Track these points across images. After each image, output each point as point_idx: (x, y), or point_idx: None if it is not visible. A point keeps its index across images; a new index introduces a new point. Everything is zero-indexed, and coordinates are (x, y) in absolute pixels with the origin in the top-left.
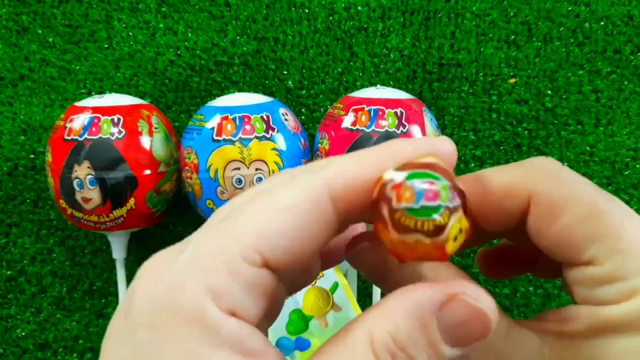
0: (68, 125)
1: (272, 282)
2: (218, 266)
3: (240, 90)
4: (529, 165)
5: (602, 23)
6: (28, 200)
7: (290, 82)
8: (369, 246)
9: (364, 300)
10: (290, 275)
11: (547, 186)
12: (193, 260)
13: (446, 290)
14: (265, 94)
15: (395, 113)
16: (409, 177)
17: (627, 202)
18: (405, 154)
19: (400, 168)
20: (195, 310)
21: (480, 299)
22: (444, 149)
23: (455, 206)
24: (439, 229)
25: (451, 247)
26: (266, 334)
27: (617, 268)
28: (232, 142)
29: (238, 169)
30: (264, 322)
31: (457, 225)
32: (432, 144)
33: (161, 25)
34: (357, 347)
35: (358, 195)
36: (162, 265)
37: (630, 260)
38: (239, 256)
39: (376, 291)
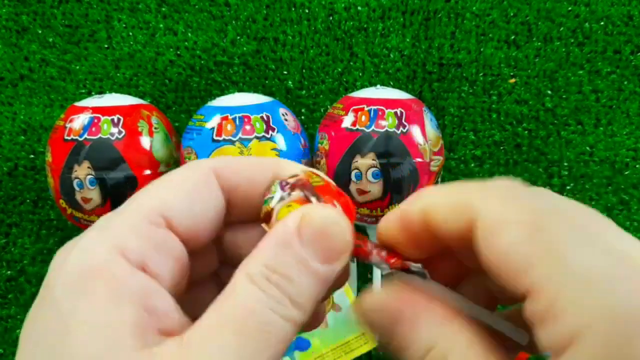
0: (68, 125)
1: (178, 246)
2: (125, 229)
3: (240, 90)
4: (484, 186)
5: (602, 23)
6: (28, 200)
7: (290, 82)
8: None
9: None
10: (193, 249)
11: (492, 205)
12: (100, 231)
13: (299, 213)
14: (265, 94)
15: (395, 113)
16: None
17: (627, 202)
18: (284, 168)
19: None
20: (103, 266)
21: (328, 212)
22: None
23: (282, 196)
24: (268, 214)
25: None
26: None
27: (554, 298)
28: (232, 142)
29: None
30: (175, 291)
31: (284, 209)
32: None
33: (161, 25)
34: (239, 285)
35: (240, 183)
36: (73, 241)
37: (570, 288)
38: (144, 219)
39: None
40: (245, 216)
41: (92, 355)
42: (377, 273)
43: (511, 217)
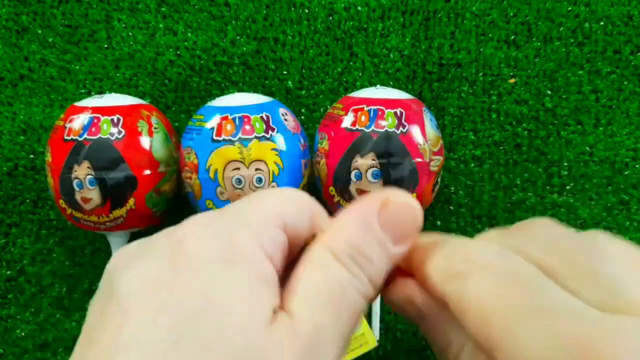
0: (68, 125)
1: (287, 249)
2: (261, 223)
3: (240, 90)
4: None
5: (602, 23)
6: (28, 200)
7: (290, 82)
8: (407, 296)
9: None
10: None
11: (456, 289)
12: (239, 219)
13: (380, 196)
14: (265, 94)
15: (395, 113)
16: None
17: (627, 203)
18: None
19: None
20: (247, 250)
21: (407, 198)
22: None
23: None
24: None
25: None
26: None
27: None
28: (232, 143)
29: (238, 169)
30: None
31: None
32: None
33: (161, 25)
34: (325, 262)
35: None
36: (205, 219)
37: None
38: (272, 220)
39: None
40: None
41: (237, 323)
42: None
43: (473, 300)
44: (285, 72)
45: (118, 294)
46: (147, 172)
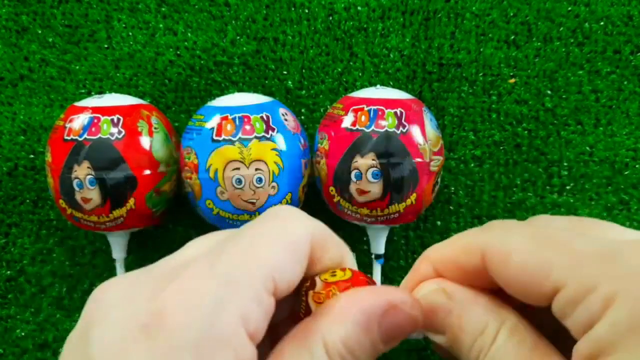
0: (68, 125)
1: (273, 309)
2: (249, 296)
3: (240, 90)
4: (483, 227)
5: (602, 23)
6: (28, 200)
7: (290, 82)
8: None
9: None
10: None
11: (495, 237)
12: (226, 290)
13: (388, 299)
14: (265, 94)
15: (395, 113)
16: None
17: (627, 202)
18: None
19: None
20: (230, 338)
21: (414, 307)
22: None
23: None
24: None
25: None
26: None
27: (580, 282)
28: (232, 142)
29: (238, 169)
30: None
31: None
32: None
33: (161, 25)
34: (314, 352)
35: (325, 249)
36: (190, 288)
37: (591, 270)
38: (263, 287)
39: None
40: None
41: None
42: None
43: (513, 240)
44: (285, 72)
45: (90, 352)
46: (147, 172)
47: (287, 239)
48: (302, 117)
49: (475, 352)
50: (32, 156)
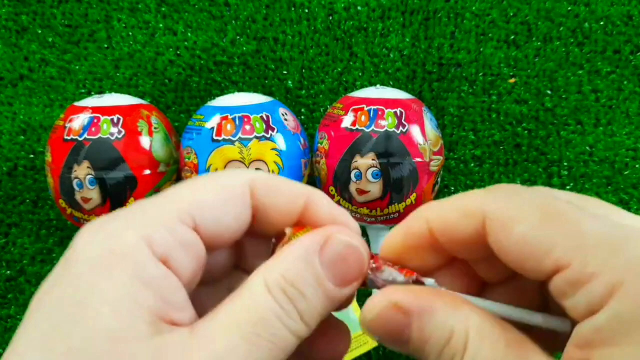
0: (68, 125)
1: (201, 249)
2: (155, 221)
3: (240, 90)
4: (486, 190)
5: (602, 23)
6: (28, 200)
7: (290, 82)
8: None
9: (364, 300)
10: (211, 251)
11: (498, 203)
12: (133, 215)
13: (326, 232)
14: (265, 94)
15: (395, 113)
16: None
17: (627, 202)
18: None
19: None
20: (129, 251)
21: (353, 238)
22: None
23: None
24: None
25: None
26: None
27: (584, 266)
28: (232, 142)
29: (238, 169)
30: (189, 287)
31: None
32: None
33: (161, 25)
34: (254, 290)
35: (272, 197)
36: (100, 222)
37: (596, 254)
38: (175, 216)
39: (375, 291)
40: (266, 232)
41: (107, 330)
42: None
43: (519, 209)
44: (285, 72)
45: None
46: (147, 172)
47: (213, 183)
48: (302, 117)
49: None
50: (32, 156)
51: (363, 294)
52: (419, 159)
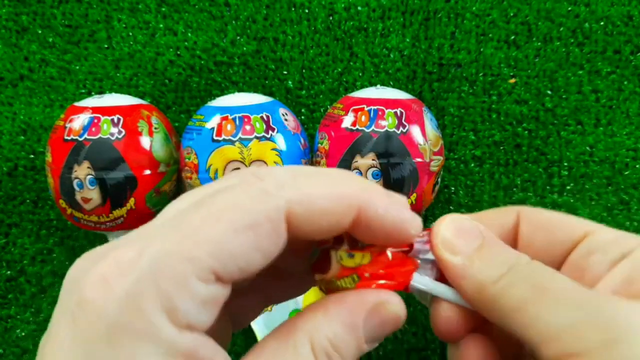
0: (68, 125)
1: (224, 292)
2: (175, 287)
3: (240, 90)
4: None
5: (602, 23)
6: (28, 200)
7: (290, 82)
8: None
9: None
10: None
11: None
12: (150, 278)
13: (375, 298)
14: (265, 94)
15: (395, 113)
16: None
17: (627, 202)
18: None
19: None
20: (151, 330)
21: (401, 309)
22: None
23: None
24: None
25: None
26: (225, 329)
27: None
28: (232, 142)
29: (238, 169)
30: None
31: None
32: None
33: (161, 26)
34: (299, 350)
35: (314, 219)
36: (115, 279)
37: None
38: (195, 277)
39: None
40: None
41: None
42: None
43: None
44: (285, 72)
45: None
46: (147, 172)
47: (240, 220)
48: (302, 117)
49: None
50: (32, 156)
51: None
52: (419, 159)
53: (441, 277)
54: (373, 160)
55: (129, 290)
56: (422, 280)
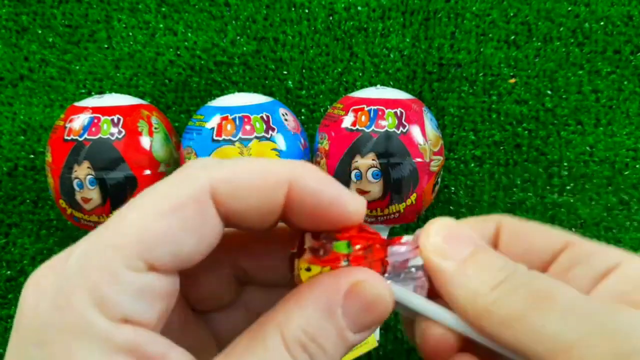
0: (68, 125)
1: (164, 283)
2: (103, 278)
3: (240, 90)
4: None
5: (602, 23)
6: (28, 200)
7: (290, 82)
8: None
9: None
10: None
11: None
12: (77, 272)
13: (350, 279)
14: (265, 94)
15: (395, 113)
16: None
17: (627, 202)
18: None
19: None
20: (83, 324)
21: (380, 285)
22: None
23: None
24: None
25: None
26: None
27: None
28: (232, 142)
29: None
30: (167, 319)
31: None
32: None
33: (161, 26)
34: (270, 344)
35: (241, 196)
36: (46, 279)
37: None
38: (123, 266)
39: None
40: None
41: None
42: None
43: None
44: (285, 72)
45: None
46: (147, 172)
47: (161, 201)
48: (302, 117)
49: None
50: (32, 156)
51: None
52: (419, 159)
53: (430, 291)
54: (373, 160)
55: (59, 287)
56: (407, 297)
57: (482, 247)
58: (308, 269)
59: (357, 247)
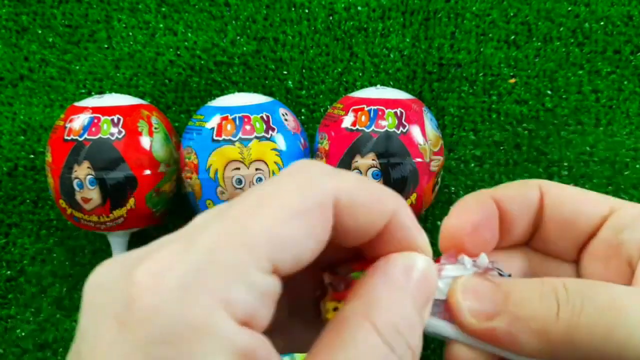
0: (68, 125)
1: (277, 288)
2: (233, 277)
3: (240, 90)
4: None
5: (602, 23)
6: (28, 200)
7: (290, 82)
8: None
9: None
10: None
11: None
12: (205, 269)
13: (408, 263)
14: (265, 94)
15: (395, 113)
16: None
17: None
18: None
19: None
20: (209, 324)
21: (427, 259)
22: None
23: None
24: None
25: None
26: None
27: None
28: (232, 142)
29: (238, 169)
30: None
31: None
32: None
33: (161, 26)
34: (367, 337)
35: (357, 213)
36: (161, 265)
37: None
38: (254, 267)
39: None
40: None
41: None
42: None
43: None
44: (285, 72)
45: (79, 349)
46: (147, 172)
47: (292, 207)
48: (302, 117)
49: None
50: (32, 156)
51: None
52: (419, 159)
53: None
54: (373, 160)
55: (183, 283)
56: (437, 325)
57: (508, 282)
58: (335, 309)
59: None
